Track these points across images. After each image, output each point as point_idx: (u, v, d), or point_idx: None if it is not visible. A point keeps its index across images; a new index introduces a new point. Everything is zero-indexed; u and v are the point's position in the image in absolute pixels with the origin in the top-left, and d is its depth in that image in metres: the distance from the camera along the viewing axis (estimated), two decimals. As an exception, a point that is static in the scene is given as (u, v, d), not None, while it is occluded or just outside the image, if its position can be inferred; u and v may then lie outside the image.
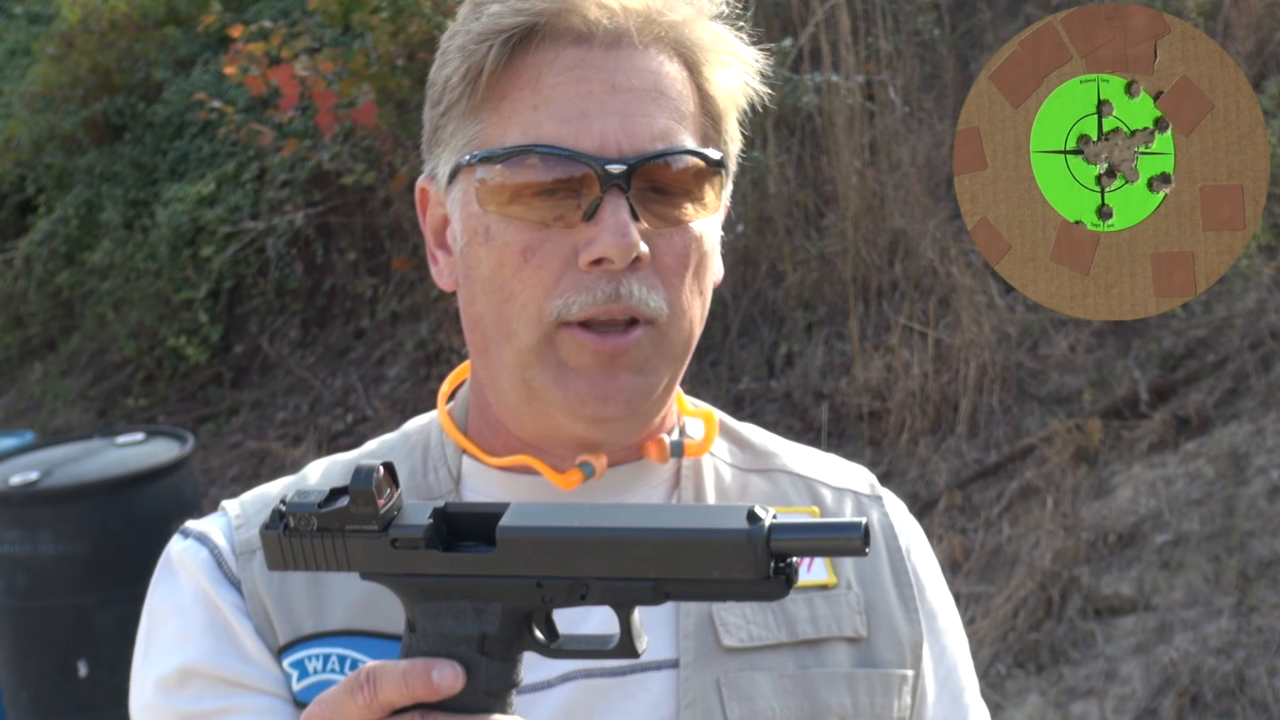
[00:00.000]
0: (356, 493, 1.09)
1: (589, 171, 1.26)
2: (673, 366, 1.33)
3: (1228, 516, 4.84)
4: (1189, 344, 5.48)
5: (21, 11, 11.18)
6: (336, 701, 1.08)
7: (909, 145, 6.42)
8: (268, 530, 1.12)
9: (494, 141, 1.30)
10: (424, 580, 1.10)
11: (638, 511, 1.10)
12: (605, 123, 1.27)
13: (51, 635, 5.27)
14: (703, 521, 1.06)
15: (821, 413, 6.16)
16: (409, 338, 7.96)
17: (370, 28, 7.07)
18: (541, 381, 1.29)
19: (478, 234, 1.31)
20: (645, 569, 1.06)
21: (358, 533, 1.10)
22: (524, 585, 1.08)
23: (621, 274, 1.26)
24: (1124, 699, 4.61)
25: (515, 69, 1.29)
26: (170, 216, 8.68)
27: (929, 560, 1.49)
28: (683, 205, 1.30)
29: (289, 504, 1.11)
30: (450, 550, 1.10)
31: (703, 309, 1.34)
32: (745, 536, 1.03)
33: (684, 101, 1.31)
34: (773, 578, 1.04)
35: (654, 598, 1.07)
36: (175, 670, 1.33)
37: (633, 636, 1.10)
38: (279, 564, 1.13)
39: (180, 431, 5.79)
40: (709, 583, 1.05)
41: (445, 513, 1.11)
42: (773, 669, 1.34)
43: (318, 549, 1.11)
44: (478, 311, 1.33)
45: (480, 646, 1.09)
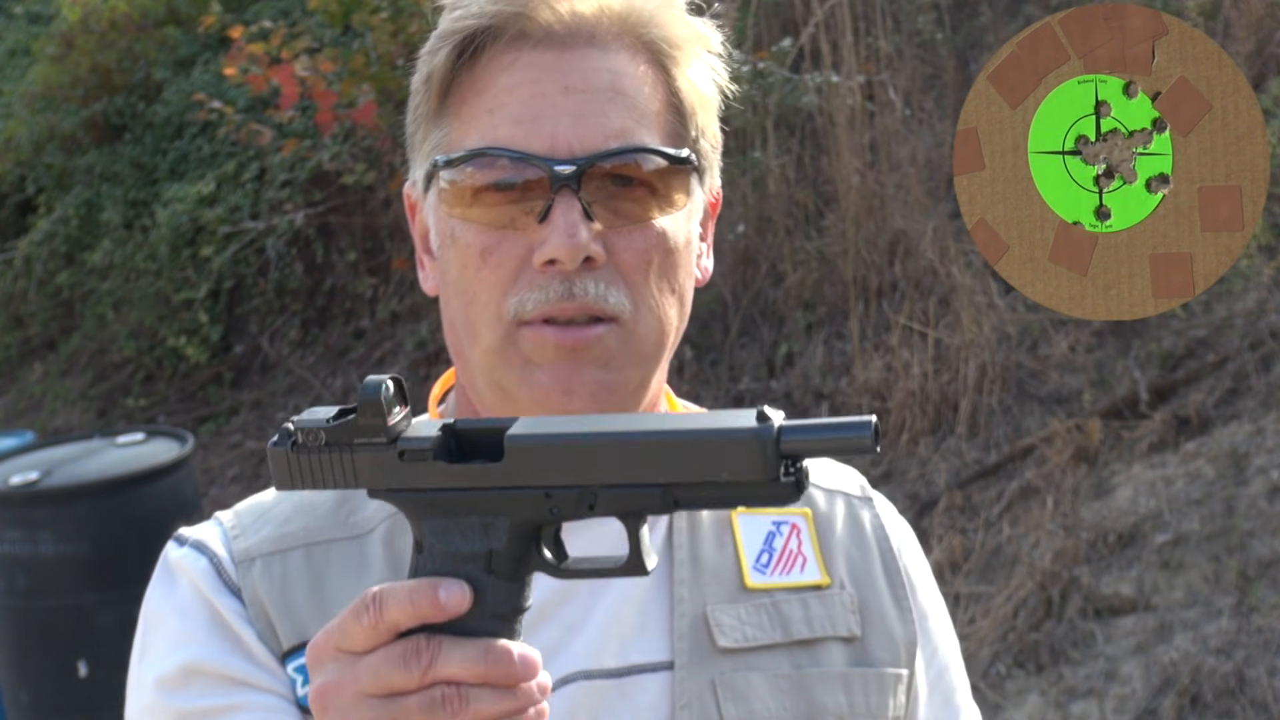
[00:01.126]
0: (365, 403, 1.07)
1: (540, 173, 1.26)
2: (643, 365, 1.32)
3: (1228, 516, 4.84)
4: (1189, 344, 5.48)
5: (21, 11, 11.18)
6: (342, 625, 1.06)
7: (909, 145, 6.42)
8: (276, 446, 1.10)
9: (455, 145, 1.30)
10: (431, 495, 1.08)
11: (647, 418, 1.09)
12: (557, 124, 1.27)
13: (51, 635, 5.27)
14: (712, 423, 1.04)
15: (821, 413, 6.16)
16: (409, 338, 7.96)
17: (370, 28, 7.07)
18: (509, 380, 1.30)
19: (446, 237, 1.32)
20: (654, 473, 1.04)
21: (365, 445, 1.08)
22: (532, 496, 1.06)
23: (574, 274, 1.27)
24: (1124, 699, 4.61)
25: (474, 73, 1.30)
26: (170, 216, 8.68)
27: (920, 561, 1.49)
28: (644, 202, 1.29)
29: (297, 420, 1.10)
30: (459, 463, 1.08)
31: (679, 308, 1.34)
32: (754, 435, 1.01)
33: (646, 99, 1.30)
34: (783, 480, 1.02)
35: (663, 505, 1.05)
36: (177, 669, 1.32)
37: (641, 553, 1.07)
38: (286, 483, 1.11)
39: (180, 431, 5.79)
40: (719, 485, 1.03)
41: (455, 429, 1.10)
42: (768, 669, 1.34)
43: (325, 465, 1.09)
44: (452, 314, 1.34)
45: (488, 564, 1.07)
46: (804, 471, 1.04)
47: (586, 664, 1.32)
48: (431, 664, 1.03)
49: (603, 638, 1.33)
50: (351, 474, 1.09)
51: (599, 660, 1.33)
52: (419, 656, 1.03)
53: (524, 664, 1.04)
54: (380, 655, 1.04)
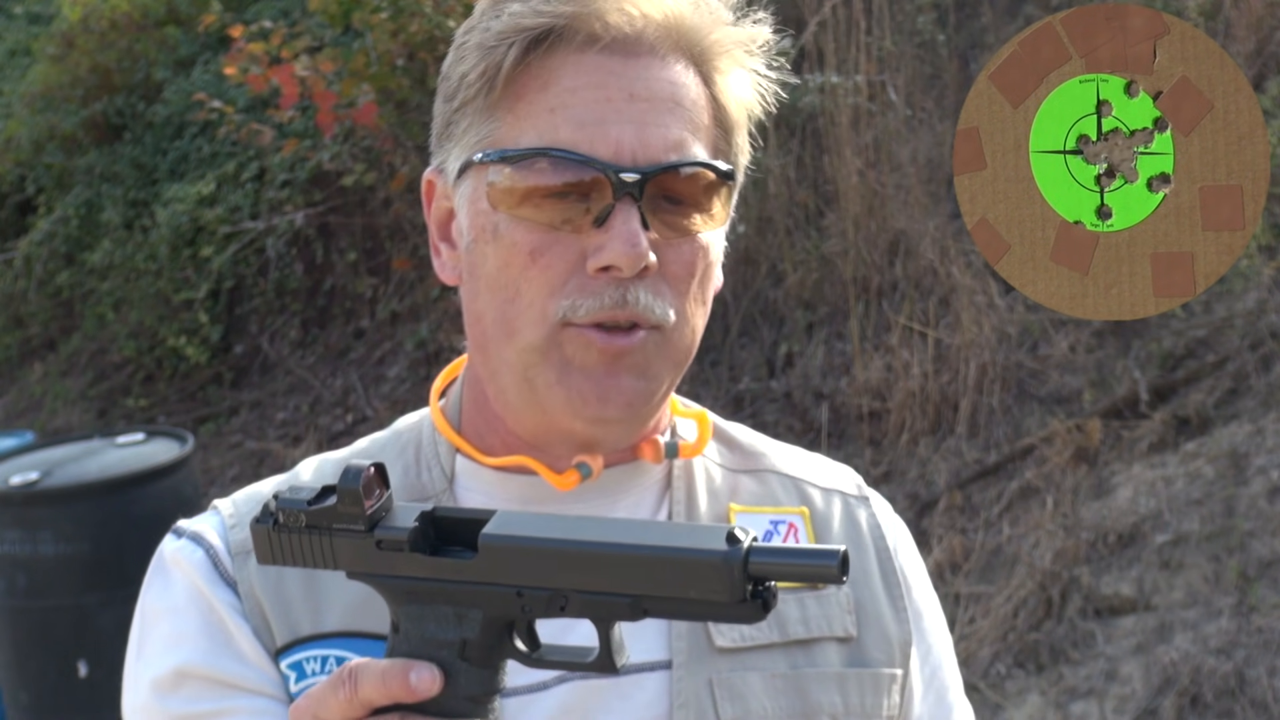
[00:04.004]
0: (344, 492, 1.10)
1: (602, 178, 1.26)
2: (673, 372, 1.33)
3: (1228, 516, 4.84)
4: (1189, 344, 5.48)
5: (21, 11, 11.18)
6: (320, 695, 1.09)
7: (909, 145, 6.42)
8: (258, 525, 1.13)
9: (508, 141, 1.30)
10: (407, 582, 1.11)
11: (622, 527, 1.10)
12: (621, 130, 1.27)
13: (51, 635, 5.27)
14: (683, 540, 1.06)
15: (821, 413, 6.16)
16: (409, 338, 7.96)
17: (370, 28, 7.07)
18: (545, 379, 1.30)
19: (485, 231, 1.31)
20: (624, 584, 1.06)
21: (344, 531, 1.11)
22: (504, 593, 1.09)
23: (629, 281, 1.27)
24: (1124, 699, 4.60)
25: (533, 70, 1.29)
26: (170, 216, 8.68)
27: (915, 560, 1.50)
28: (692, 216, 1.30)
29: (280, 499, 1.12)
30: (435, 554, 1.11)
31: (704, 317, 1.35)
32: (722, 558, 1.03)
33: (698, 112, 1.31)
34: (749, 601, 1.04)
35: (632, 614, 1.07)
36: (170, 671, 1.33)
37: (612, 651, 1.10)
38: (268, 559, 1.14)
39: (180, 431, 5.79)
40: (687, 602, 1.06)
41: (433, 516, 1.12)
42: (764, 669, 1.35)
43: (305, 545, 1.12)
44: (480, 308, 1.33)
45: (461, 651, 1.10)
46: (771, 591, 1.06)
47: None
48: None
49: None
50: (330, 556, 1.12)
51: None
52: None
53: None
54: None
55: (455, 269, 1.36)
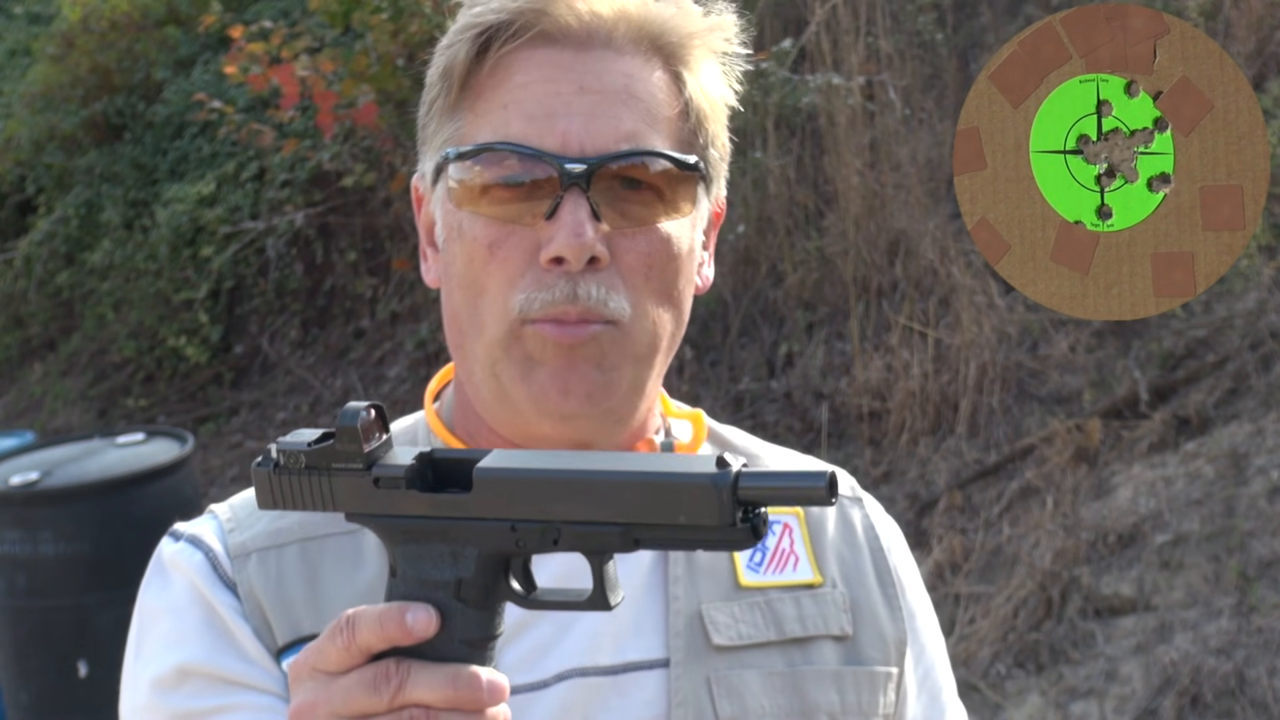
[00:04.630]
0: (342, 430, 1.11)
1: (550, 170, 1.27)
2: (636, 366, 1.33)
3: (1228, 516, 4.84)
4: (1189, 344, 5.48)
5: (21, 11, 11.18)
6: (319, 646, 1.09)
7: (909, 146, 6.42)
8: (259, 467, 1.14)
9: (468, 139, 1.31)
10: (404, 521, 1.11)
11: (613, 458, 1.10)
12: (570, 122, 1.28)
13: (51, 635, 5.27)
14: (672, 467, 1.07)
15: (821, 413, 6.17)
16: (409, 338, 7.96)
17: (370, 28, 7.07)
18: (509, 375, 1.31)
19: (453, 230, 1.33)
20: (614, 513, 1.07)
21: (343, 471, 1.11)
22: (498, 528, 1.09)
23: (579, 275, 1.27)
24: (1124, 699, 4.61)
25: (490, 68, 1.31)
26: (170, 216, 8.69)
27: (908, 560, 1.51)
28: (651, 206, 1.30)
29: (280, 442, 1.13)
30: (431, 492, 1.11)
31: (675, 314, 1.34)
32: (711, 481, 1.04)
33: (659, 105, 1.31)
34: (739, 525, 1.05)
35: (623, 544, 1.07)
36: (171, 669, 1.33)
37: (605, 588, 1.10)
38: (269, 502, 1.14)
39: (180, 432, 5.79)
40: (677, 528, 1.06)
41: (430, 457, 1.13)
42: (762, 667, 1.36)
43: (305, 487, 1.12)
44: (454, 306, 1.35)
45: (457, 591, 1.09)
46: (761, 517, 1.06)
47: (582, 661, 1.33)
48: (400, 688, 1.05)
49: (598, 635, 1.34)
50: (329, 497, 1.12)
51: (594, 657, 1.34)
52: (388, 680, 1.06)
53: (491, 690, 1.06)
54: (353, 678, 1.06)
55: (437, 271, 1.38)
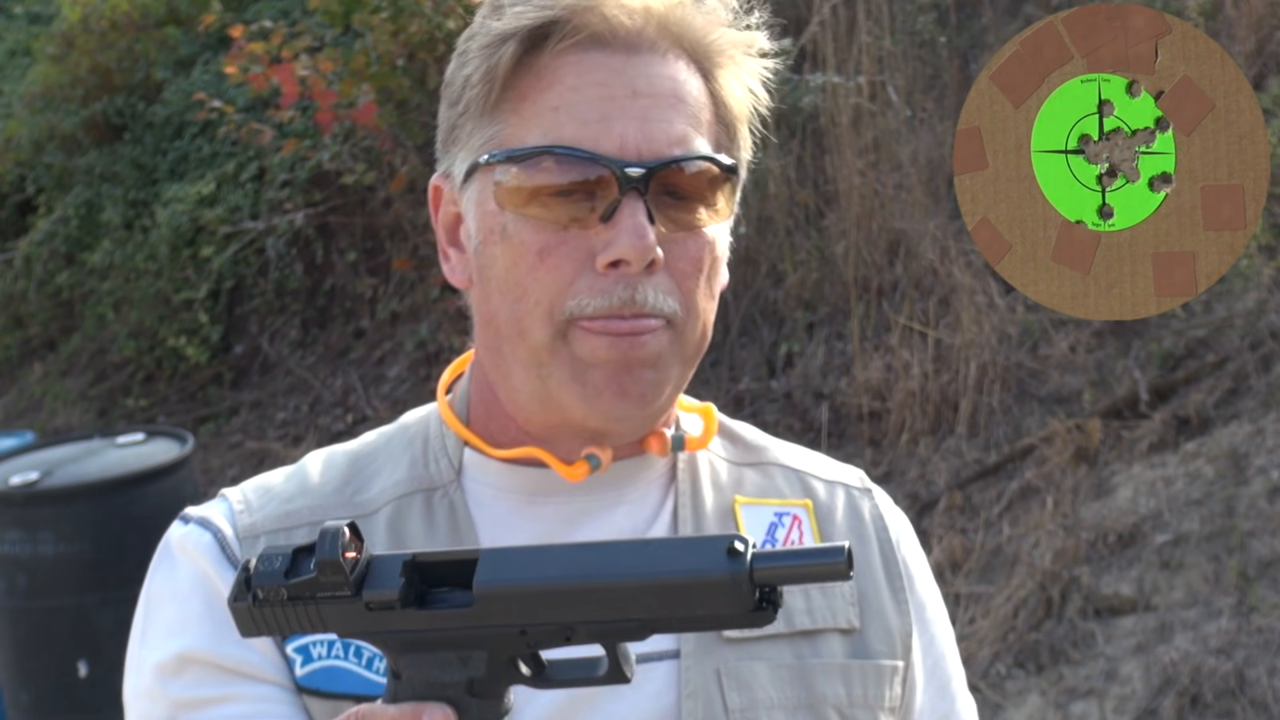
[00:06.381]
0: (323, 563, 1.06)
1: (608, 174, 1.27)
2: (683, 366, 1.34)
3: (1228, 516, 4.84)
4: (1189, 344, 5.48)
5: (21, 11, 11.18)
6: None
7: (910, 146, 6.42)
8: (236, 602, 1.09)
9: (513, 141, 1.30)
10: (404, 635, 1.08)
11: (618, 551, 1.07)
12: (625, 126, 1.28)
13: (51, 635, 5.27)
14: (685, 561, 1.04)
15: (821, 413, 6.17)
16: (409, 338, 7.96)
17: (370, 28, 7.07)
18: (558, 377, 1.30)
19: (493, 232, 1.31)
20: (630, 611, 1.05)
21: (330, 598, 1.07)
22: (508, 632, 1.07)
23: (637, 278, 1.28)
24: (1124, 699, 4.61)
25: (536, 70, 1.31)
26: (170, 216, 8.68)
27: (917, 553, 1.51)
28: (697, 210, 1.31)
29: (254, 574, 1.08)
30: (427, 603, 1.08)
31: (713, 313, 1.36)
32: (729, 575, 1.02)
33: (700, 108, 1.33)
34: (760, 609, 1.04)
35: (640, 634, 1.06)
36: (173, 657, 1.33)
37: (620, 663, 1.08)
38: (250, 632, 1.09)
39: (180, 432, 5.79)
40: (695, 619, 1.05)
41: (416, 564, 1.09)
42: (770, 659, 1.36)
43: (290, 616, 1.08)
44: (491, 309, 1.34)
45: (469, 689, 1.08)
46: (778, 594, 1.05)
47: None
48: None
49: None
50: (319, 621, 1.09)
51: None
52: None
53: None
54: None
55: (465, 272, 1.37)
